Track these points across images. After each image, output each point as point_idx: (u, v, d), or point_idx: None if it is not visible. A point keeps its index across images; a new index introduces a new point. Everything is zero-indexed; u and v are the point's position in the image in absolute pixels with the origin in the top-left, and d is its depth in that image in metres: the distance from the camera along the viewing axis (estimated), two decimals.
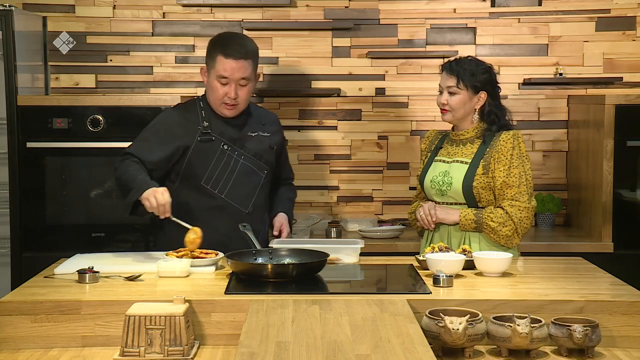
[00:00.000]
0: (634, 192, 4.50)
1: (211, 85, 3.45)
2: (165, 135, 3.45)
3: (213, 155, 3.46)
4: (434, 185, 3.47)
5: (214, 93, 3.45)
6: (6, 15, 4.39)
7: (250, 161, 3.52)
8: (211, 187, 3.46)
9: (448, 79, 3.45)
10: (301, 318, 2.43)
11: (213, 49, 3.46)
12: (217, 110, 3.49)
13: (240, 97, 3.45)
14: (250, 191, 3.52)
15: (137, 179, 3.28)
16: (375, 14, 4.91)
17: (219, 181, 3.47)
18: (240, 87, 3.44)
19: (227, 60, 3.40)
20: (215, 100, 3.46)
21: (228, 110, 3.47)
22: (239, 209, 3.48)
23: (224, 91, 3.43)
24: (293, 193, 3.83)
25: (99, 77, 4.90)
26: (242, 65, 3.42)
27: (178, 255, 3.12)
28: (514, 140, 3.38)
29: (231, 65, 3.41)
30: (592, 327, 2.48)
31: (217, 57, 3.42)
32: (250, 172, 3.52)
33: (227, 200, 3.47)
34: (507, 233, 3.34)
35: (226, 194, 3.48)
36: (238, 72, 3.41)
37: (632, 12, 4.89)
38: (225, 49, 3.42)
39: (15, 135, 4.39)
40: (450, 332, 2.41)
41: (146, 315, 2.45)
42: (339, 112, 4.95)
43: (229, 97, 3.43)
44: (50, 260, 3.29)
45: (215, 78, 3.43)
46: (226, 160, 3.48)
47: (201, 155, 3.45)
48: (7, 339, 2.61)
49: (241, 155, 3.50)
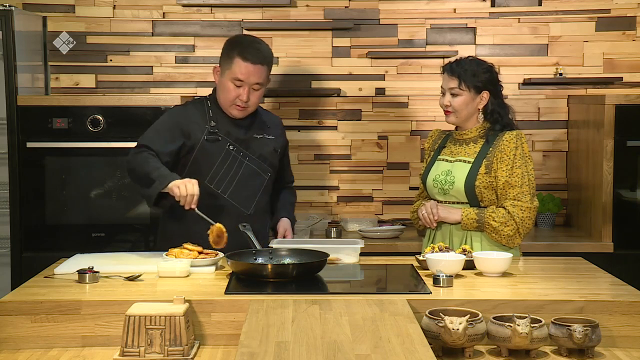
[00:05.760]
0: (634, 192, 4.49)
1: (224, 86, 3.45)
2: (175, 131, 3.45)
3: (219, 155, 3.47)
4: (436, 184, 3.47)
5: (226, 94, 3.45)
6: (6, 15, 4.39)
7: (254, 163, 3.53)
8: (215, 187, 3.46)
9: (450, 81, 3.45)
10: (301, 318, 2.43)
11: (231, 50, 3.45)
12: (227, 110, 3.49)
13: (252, 100, 3.45)
14: (253, 193, 3.53)
15: (160, 170, 3.28)
16: (375, 14, 4.91)
17: (222, 181, 3.47)
18: (253, 91, 3.44)
19: (245, 63, 3.40)
20: (226, 100, 3.46)
21: (238, 111, 3.47)
22: (240, 210, 3.49)
23: (237, 93, 3.43)
24: (294, 197, 3.84)
25: (99, 77, 4.90)
26: (258, 70, 3.42)
27: (182, 251, 3.12)
28: (517, 140, 3.38)
29: (248, 69, 3.40)
30: (592, 327, 2.48)
31: (235, 59, 3.41)
32: (254, 173, 3.53)
33: (229, 201, 3.48)
34: (508, 233, 3.34)
35: (229, 194, 3.48)
36: (254, 76, 3.42)
37: (632, 12, 4.89)
38: (244, 52, 3.41)
39: (15, 135, 4.39)
40: (450, 332, 2.41)
41: (146, 315, 2.45)
42: (339, 112, 4.95)
43: (240, 99, 3.43)
44: (50, 260, 3.29)
45: (230, 79, 3.42)
46: (231, 160, 3.48)
47: (207, 154, 3.46)
48: (7, 339, 2.61)
49: (246, 156, 3.51)
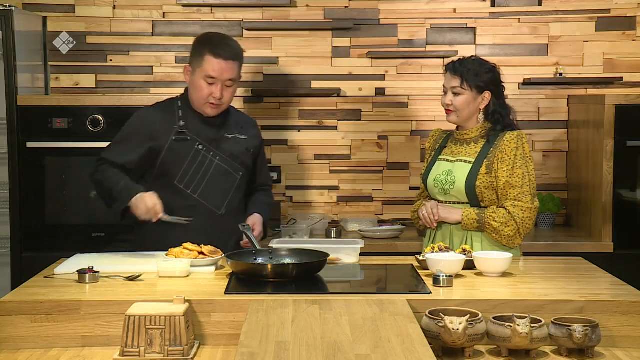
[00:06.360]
0: (634, 192, 4.49)
1: (197, 84, 3.43)
2: (139, 136, 3.44)
3: (187, 155, 3.44)
4: (437, 184, 3.47)
5: (199, 92, 3.43)
6: (6, 15, 4.39)
7: (225, 162, 3.49)
8: (184, 187, 3.44)
9: (452, 80, 3.45)
10: (301, 318, 2.43)
11: (201, 48, 3.44)
12: (200, 109, 3.46)
13: (225, 97, 3.44)
14: (225, 192, 3.49)
15: (119, 186, 3.32)
16: (375, 14, 4.91)
17: (192, 181, 3.44)
18: (226, 87, 3.43)
19: (217, 60, 3.39)
20: (199, 99, 3.44)
21: (212, 109, 3.45)
22: (212, 210, 3.45)
23: (210, 91, 3.41)
24: (270, 198, 3.76)
25: (99, 77, 4.90)
26: (231, 66, 3.41)
27: (183, 251, 3.11)
28: (518, 140, 3.38)
29: (220, 66, 3.39)
30: (592, 327, 2.48)
31: (206, 57, 3.40)
32: (225, 173, 3.49)
33: (200, 201, 3.44)
34: (509, 233, 3.34)
35: (199, 194, 3.44)
36: (226, 72, 3.40)
37: (632, 12, 4.89)
38: (215, 48, 3.40)
39: (15, 135, 4.39)
40: (450, 332, 2.41)
41: (146, 315, 2.45)
42: (339, 112, 4.95)
43: (214, 97, 3.41)
44: (50, 260, 3.29)
45: (202, 77, 3.41)
46: (201, 160, 3.45)
47: (175, 155, 3.43)
48: (7, 339, 2.61)
49: (216, 155, 3.47)
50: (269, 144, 4.89)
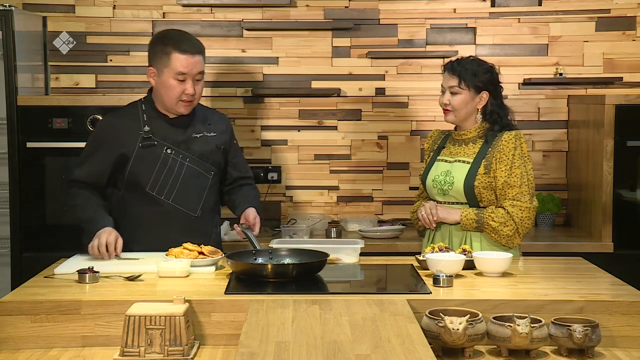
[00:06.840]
0: (634, 192, 4.49)
1: (167, 85, 3.37)
2: (108, 143, 3.40)
3: (156, 161, 3.39)
4: (435, 184, 3.47)
5: (170, 92, 3.37)
6: (6, 15, 4.39)
7: (195, 163, 3.44)
8: (157, 194, 3.39)
9: (450, 79, 3.45)
10: (301, 318, 2.43)
11: (164, 46, 3.38)
12: (173, 109, 3.41)
13: (197, 92, 3.40)
14: (198, 194, 3.45)
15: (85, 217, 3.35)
16: (375, 14, 4.91)
17: (164, 187, 3.40)
18: (197, 82, 3.39)
19: (184, 56, 3.35)
20: (171, 99, 3.38)
21: (185, 107, 3.40)
22: (187, 213, 3.42)
23: (182, 88, 3.36)
24: (257, 191, 3.69)
25: (99, 77, 4.90)
26: (198, 60, 3.39)
27: (183, 251, 3.11)
28: (516, 140, 3.38)
29: (188, 61, 3.35)
30: (592, 327, 2.48)
31: (172, 55, 3.34)
32: (197, 174, 3.45)
33: (174, 205, 3.40)
34: (508, 233, 3.34)
35: (173, 199, 3.40)
36: (195, 67, 3.37)
37: (632, 12, 4.89)
38: (179, 45, 3.36)
39: (15, 135, 4.39)
40: (450, 332, 2.41)
41: (146, 315, 2.45)
42: (339, 112, 4.95)
43: (186, 93, 3.36)
44: (50, 260, 3.29)
45: (172, 76, 3.35)
46: (170, 164, 3.40)
47: (144, 162, 3.38)
48: (7, 339, 2.61)
49: (186, 158, 3.43)
50: (269, 144, 4.90)
